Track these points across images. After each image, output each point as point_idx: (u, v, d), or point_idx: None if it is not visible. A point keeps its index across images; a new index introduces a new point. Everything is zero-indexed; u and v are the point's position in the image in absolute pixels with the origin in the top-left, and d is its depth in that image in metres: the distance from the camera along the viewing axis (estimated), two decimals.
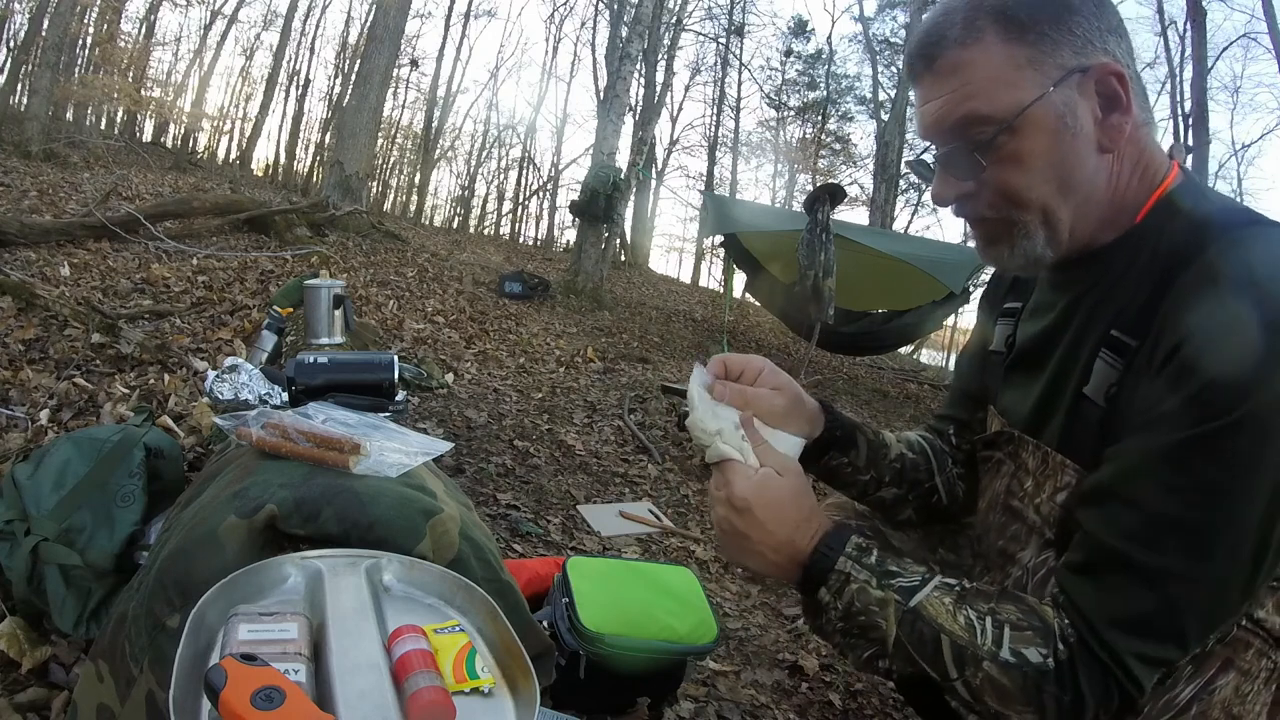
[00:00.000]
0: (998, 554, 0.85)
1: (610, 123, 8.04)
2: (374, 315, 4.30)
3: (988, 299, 1.01)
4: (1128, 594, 0.62)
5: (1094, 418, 0.71)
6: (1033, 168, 0.68)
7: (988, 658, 0.66)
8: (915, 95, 0.75)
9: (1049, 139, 0.67)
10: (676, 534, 2.40)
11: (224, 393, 2.05)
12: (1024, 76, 0.66)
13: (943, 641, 0.68)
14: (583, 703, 1.28)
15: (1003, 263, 0.76)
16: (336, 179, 7.27)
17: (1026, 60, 0.66)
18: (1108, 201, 0.71)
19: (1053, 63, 0.66)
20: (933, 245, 7.92)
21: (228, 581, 0.70)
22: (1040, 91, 0.65)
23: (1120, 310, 0.70)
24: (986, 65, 0.67)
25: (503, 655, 0.72)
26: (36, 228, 3.71)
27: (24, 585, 1.12)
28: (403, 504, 0.91)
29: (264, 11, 24.55)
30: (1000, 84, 0.66)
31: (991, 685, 0.66)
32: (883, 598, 0.70)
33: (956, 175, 0.72)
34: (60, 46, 8.33)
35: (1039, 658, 0.64)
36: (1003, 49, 0.66)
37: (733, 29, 19.85)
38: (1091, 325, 0.73)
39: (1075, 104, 0.66)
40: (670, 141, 21.98)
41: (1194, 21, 10.94)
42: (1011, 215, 0.71)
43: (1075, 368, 0.74)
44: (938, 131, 0.71)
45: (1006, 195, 0.70)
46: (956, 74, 0.68)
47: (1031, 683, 0.64)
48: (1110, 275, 0.73)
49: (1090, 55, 0.66)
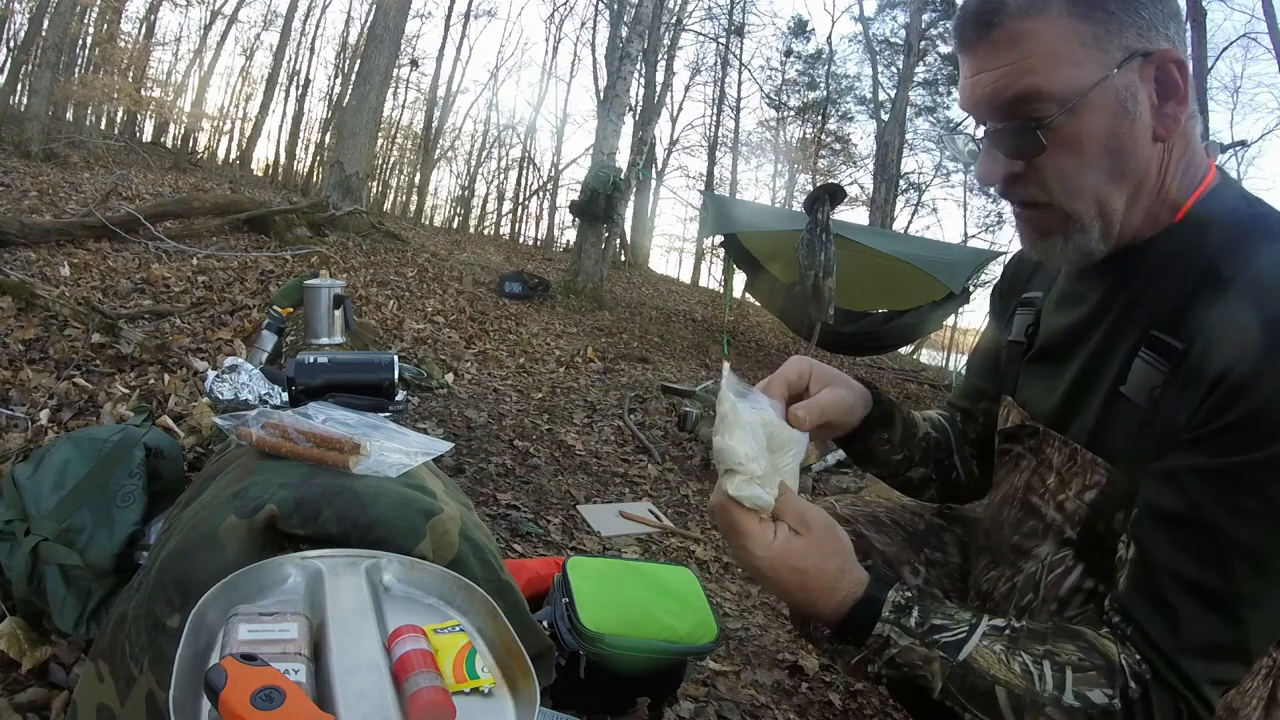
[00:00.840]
0: (1011, 548, 0.84)
1: (610, 123, 8.04)
2: (374, 315, 4.30)
3: (1005, 287, 0.98)
4: (1203, 622, 0.61)
5: (1134, 418, 0.68)
6: (1090, 152, 0.65)
7: (1049, 703, 0.62)
8: (964, 64, 0.69)
9: (1108, 123, 0.64)
10: (676, 534, 2.40)
11: (224, 393, 2.05)
12: (1088, 55, 0.63)
13: (998, 693, 0.64)
14: (583, 703, 1.28)
15: (1053, 257, 0.73)
16: (336, 179, 7.27)
17: (1092, 38, 0.63)
18: (1157, 195, 0.69)
19: (1118, 43, 0.63)
20: (933, 245, 7.93)
21: (228, 581, 0.70)
22: (1105, 73, 0.63)
23: (1159, 309, 0.68)
24: (1051, 39, 0.63)
25: (503, 655, 0.72)
26: (36, 228, 3.71)
27: (24, 585, 1.12)
28: (403, 504, 0.91)
29: (264, 11, 24.52)
30: (1064, 60, 0.63)
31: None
32: (927, 655, 0.67)
33: (1009, 154, 0.68)
34: (60, 46, 8.33)
35: (1104, 699, 0.61)
36: (1069, 23, 0.63)
37: (733, 29, 19.84)
38: (1128, 322, 0.71)
39: (1136, 88, 0.64)
40: (670, 141, 21.98)
41: (1194, 21, 10.95)
42: (1064, 203, 0.68)
43: (1111, 365, 0.72)
44: (991, 106, 0.67)
45: (1061, 180, 0.67)
46: (1018, 45, 0.64)
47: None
48: (1148, 271, 0.70)
49: (1153, 40, 0.64)
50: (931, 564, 1.01)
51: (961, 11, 0.69)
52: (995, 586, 0.85)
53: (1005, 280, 0.98)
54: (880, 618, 0.68)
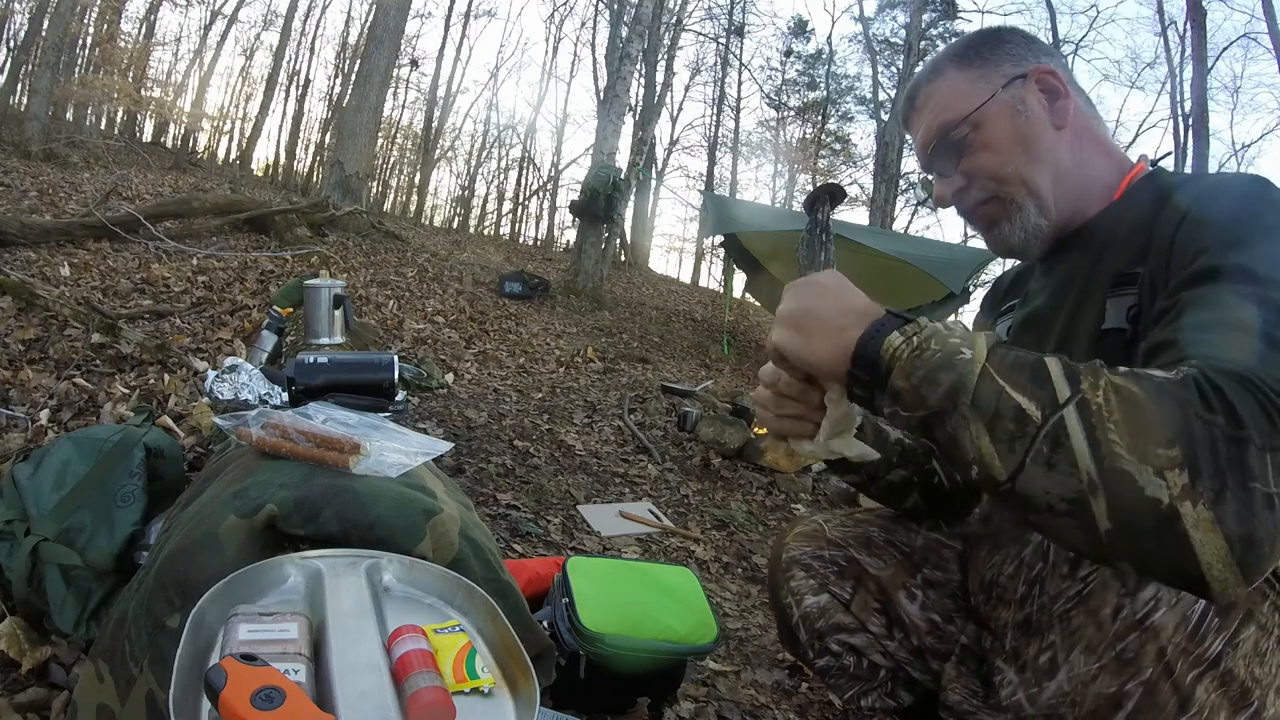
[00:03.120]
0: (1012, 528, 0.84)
1: (610, 123, 8.04)
2: (374, 315, 4.30)
3: (988, 302, 1.04)
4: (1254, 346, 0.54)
5: (1120, 342, 0.72)
6: (1001, 147, 0.82)
7: (1106, 369, 0.53)
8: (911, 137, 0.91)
9: (1007, 124, 0.82)
10: (676, 534, 2.40)
11: (224, 393, 2.06)
12: (977, 88, 0.84)
13: (1047, 361, 0.55)
14: (583, 703, 1.28)
15: (1008, 240, 0.85)
16: (336, 179, 7.26)
17: (978, 77, 0.84)
18: (1080, 175, 0.82)
19: (997, 74, 0.84)
20: (933, 245, 7.92)
21: (228, 581, 0.70)
22: (991, 93, 0.83)
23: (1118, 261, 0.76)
24: (949, 89, 0.86)
25: (503, 655, 0.72)
26: (36, 228, 3.71)
27: (24, 585, 1.12)
28: (403, 504, 0.91)
29: (264, 11, 24.58)
30: (960, 96, 0.84)
31: (1119, 399, 0.51)
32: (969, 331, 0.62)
33: (946, 172, 0.86)
34: (60, 46, 8.33)
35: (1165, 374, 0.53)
36: (959, 74, 0.86)
37: (733, 29, 19.84)
38: (1093, 282, 0.79)
39: (1023, 97, 0.82)
40: (670, 141, 21.99)
41: (1194, 21, 10.95)
42: (998, 191, 0.83)
43: (1086, 320, 0.78)
44: (926, 149, 0.87)
45: (989, 175, 0.83)
46: (930, 101, 0.87)
47: (1170, 394, 0.50)
48: (1100, 241, 0.81)
49: (1026, 65, 0.83)
50: (931, 584, 0.98)
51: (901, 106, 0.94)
52: (1001, 570, 0.84)
53: (989, 298, 1.05)
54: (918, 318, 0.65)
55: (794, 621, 1.03)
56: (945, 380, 0.57)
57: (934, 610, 0.97)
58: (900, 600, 0.98)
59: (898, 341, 0.62)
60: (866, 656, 0.99)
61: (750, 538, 2.56)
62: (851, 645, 0.99)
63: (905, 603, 0.98)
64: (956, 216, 0.93)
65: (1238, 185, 0.70)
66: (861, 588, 1.00)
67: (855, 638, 0.99)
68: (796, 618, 1.02)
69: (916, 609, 0.97)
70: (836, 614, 1.00)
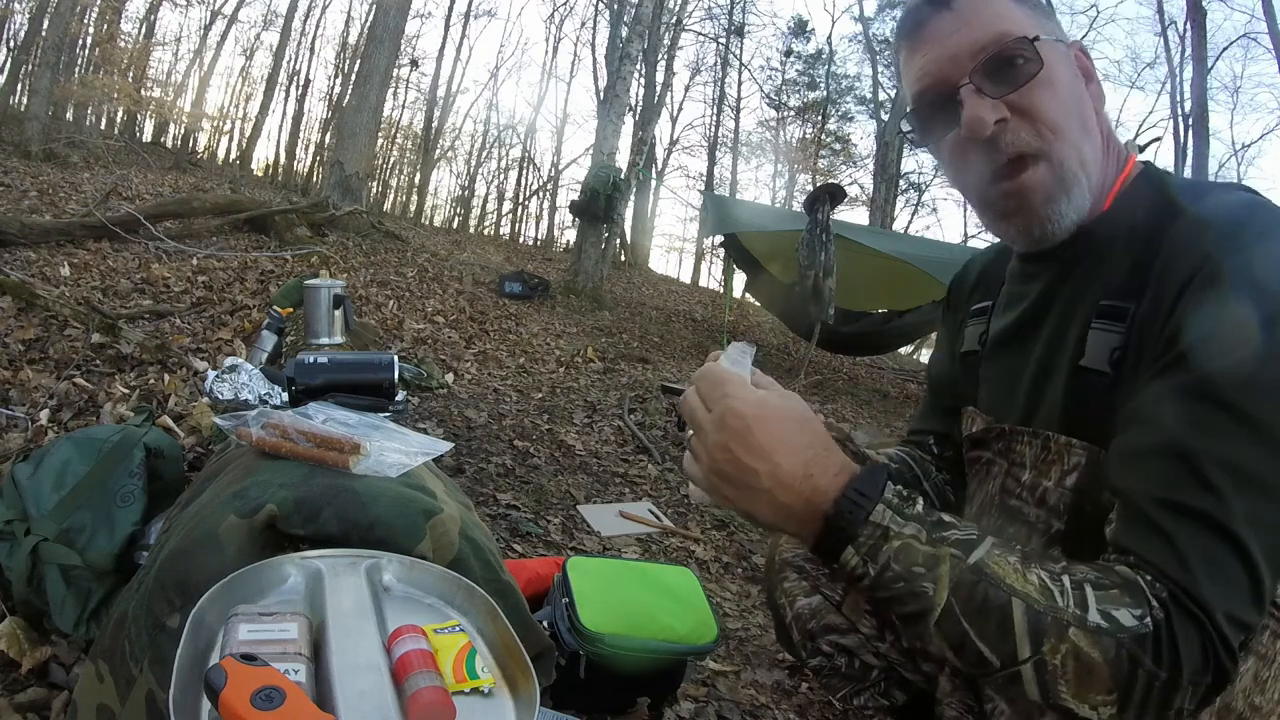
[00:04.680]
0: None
1: (610, 123, 8.04)
2: (374, 315, 4.30)
3: (951, 303, 0.99)
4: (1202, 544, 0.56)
5: (1100, 387, 0.68)
6: (1065, 97, 0.70)
7: (1074, 623, 0.54)
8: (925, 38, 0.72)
9: (1069, 76, 0.71)
10: (676, 534, 2.40)
11: (224, 393, 2.06)
12: (1040, 24, 0.71)
13: (1014, 607, 0.55)
14: (583, 703, 1.28)
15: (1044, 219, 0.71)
16: (336, 179, 7.27)
17: (1039, 15, 0.72)
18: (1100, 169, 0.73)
19: (1052, 24, 0.73)
20: (932, 245, 7.92)
21: (228, 581, 0.70)
22: (1055, 36, 0.71)
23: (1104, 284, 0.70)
24: (1006, 7, 0.71)
25: (503, 655, 0.72)
26: (36, 228, 3.71)
27: (24, 585, 1.12)
28: (403, 504, 0.91)
29: (264, 11, 24.58)
30: (1026, 20, 0.70)
31: (1075, 663, 0.54)
32: (934, 555, 0.58)
33: (1005, 83, 0.68)
34: (60, 46, 8.34)
35: (1133, 620, 0.54)
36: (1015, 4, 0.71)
37: (733, 29, 19.86)
38: (1078, 303, 0.73)
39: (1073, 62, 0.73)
40: (670, 141, 22.01)
41: (1194, 21, 10.96)
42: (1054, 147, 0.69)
43: (1066, 345, 0.73)
44: (972, 53, 0.69)
45: (1048, 121, 0.69)
46: (980, 9, 0.70)
47: (1125, 655, 0.54)
48: (1088, 256, 0.73)
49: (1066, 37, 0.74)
50: None
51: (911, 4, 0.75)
52: None
53: (950, 298, 1.01)
54: (881, 499, 0.59)
55: (787, 622, 1.03)
56: (910, 605, 0.59)
57: None
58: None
59: (853, 561, 0.59)
60: (858, 657, 0.99)
61: (750, 538, 2.56)
62: (843, 646, 0.99)
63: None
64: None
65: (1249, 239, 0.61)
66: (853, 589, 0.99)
67: (847, 638, 0.99)
68: (790, 618, 1.02)
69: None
70: (828, 615, 1.00)
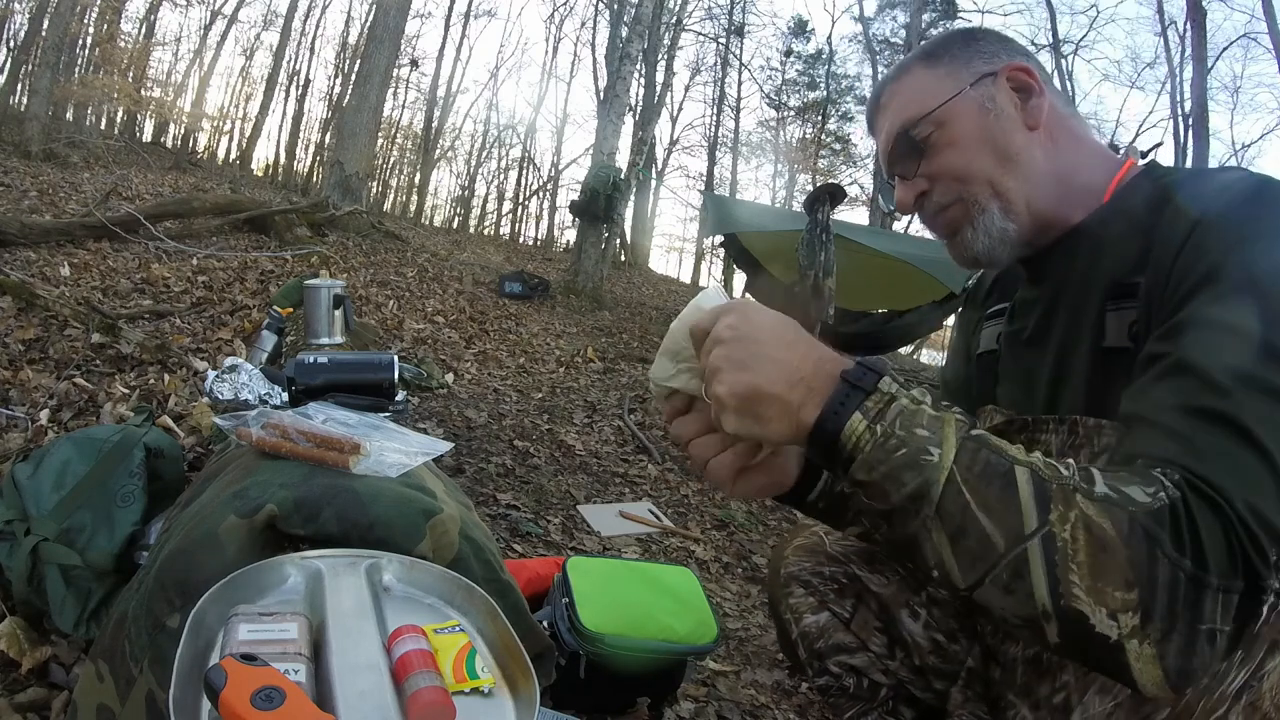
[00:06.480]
0: None
1: (610, 123, 8.04)
2: (374, 315, 4.30)
3: (968, 306, 1.00)
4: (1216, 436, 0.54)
5: (1124, 363, 0.68)
6: (967, 147, 0.77)
7: (1080, 493, 0.52)
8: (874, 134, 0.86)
9: (974, 122, 0.77)
10: (676, 534, 2.40)
11: (224, 393, 2.05)
12: (944, 85, 0.79)
13: (1017, 474, 0.54)
14: (583, 703, 1.28)
15: (971, 247, 0.79)
16: (336, 179, 7.27)
17: (945, 75, 0.80)
18: (1058, 177, 0.77)
19: (967, 71, 0.79)
20: (933, 245, 7.90)
21: (228, 581, 0.70)
22: (958, 89, 0.78)
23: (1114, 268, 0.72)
24: (914, 87, 0.81)
25: (503, 655, 0.72)
26: (36, 228, 3.71)
27: (24, 585, 1.12)
28: (403, 504, 0.91)
29: (264, 11, 24.56)
30: (926, 94, 0.79)
31: (1087, 536, 0.51)
32: (938, 417, 0.57)
33: (907, 174, 0.81)
34: (60, 46, 8.34)
35: (1145, 496, 0.51)
36: (926, 72, 0.81)
37: (733, 29, 19.87)
38: (1088, 290, 0.75)
39: (994, 95, 0.78)
40: (670, 141, 22.02)
41: (1194, 21, 10.95)
42: (963, 194, 0.78)
43: (1085, 332, 0.74)
44: (889, 149, 0.82)
45: (953, 176, 0.78)
46: (894, 100, 0.82)
47: (1140, 531, 0.50)
48: (1092, 247, 0.76)
49: (997, 63, 0.79)
50: (934, 602, 0.95)
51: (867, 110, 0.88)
52: None
53: (969, 297, 1.02)
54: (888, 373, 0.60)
55: (793, 638, 1.01)
56: (910, 481, 0.56)
57: (937, 629, 0.94)
58: (902, 618, 0.95)
59: (860, 428, 0.57)
60: (867, 676, 0.97)
61: (750, 538, 2.56)
62: (852, 666, 0.97)
63: (908, 621, 0.95)
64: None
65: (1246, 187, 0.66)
66: (862, 605, 0.97)
67: (856, 658, 0.97)
68: (795, 635, 1.00)
69: (919, 627, 0.94)
70: (836, 633, 0.97)
